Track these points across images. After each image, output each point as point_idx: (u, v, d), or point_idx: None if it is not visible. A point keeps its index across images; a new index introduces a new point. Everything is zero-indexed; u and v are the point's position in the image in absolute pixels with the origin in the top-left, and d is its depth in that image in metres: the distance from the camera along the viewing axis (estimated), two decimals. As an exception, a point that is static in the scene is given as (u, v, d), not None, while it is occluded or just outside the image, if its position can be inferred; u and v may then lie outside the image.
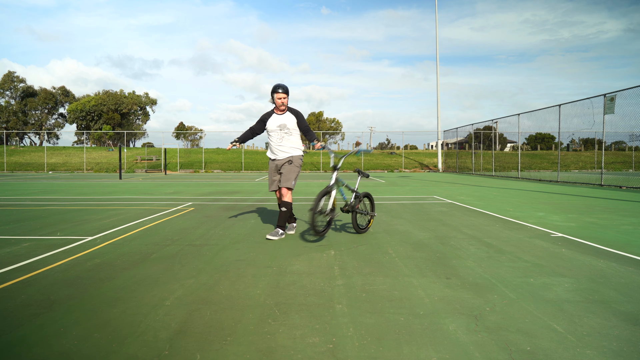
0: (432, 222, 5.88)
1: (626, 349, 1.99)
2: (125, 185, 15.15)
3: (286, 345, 2.04)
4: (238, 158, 36.10)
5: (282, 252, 4.02)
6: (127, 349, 1.99)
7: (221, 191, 11.82)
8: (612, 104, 13.08)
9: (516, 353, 1.95)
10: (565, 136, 27.09)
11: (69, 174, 28.06)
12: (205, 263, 3.61)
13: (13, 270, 3.38)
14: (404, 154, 37.89)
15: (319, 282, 3.06)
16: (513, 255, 3.89)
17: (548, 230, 5.21)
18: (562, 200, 8.98)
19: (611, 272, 3.31)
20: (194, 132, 63.99)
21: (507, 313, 2.44)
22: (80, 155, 37.90)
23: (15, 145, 48.55)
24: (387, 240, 4.59)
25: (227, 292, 2.83)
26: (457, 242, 4.52)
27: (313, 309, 2.50)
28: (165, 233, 5.05)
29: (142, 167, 33.67)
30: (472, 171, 25.45)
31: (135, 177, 22.98)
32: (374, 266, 3.51)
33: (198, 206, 7.94)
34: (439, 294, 2.78)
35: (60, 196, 10.26)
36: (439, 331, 2.19)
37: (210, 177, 22.96)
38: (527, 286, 2.95)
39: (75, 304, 2.59)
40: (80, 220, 6.12)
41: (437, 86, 31.27)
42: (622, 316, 2.39)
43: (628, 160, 32.13)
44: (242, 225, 5.67)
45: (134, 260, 3.72)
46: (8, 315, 2.43)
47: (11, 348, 2.01)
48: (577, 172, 28.09)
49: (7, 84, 57.31)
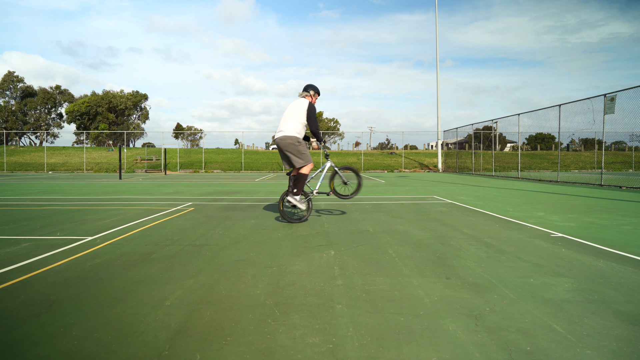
0: (432, 222, 5.88)
1: (626, 349, 1.99)
2: (125, 185, 15.15)
3: (286, 345, 2.04)
4: (238, 158, 36.09)
5: (282, 252, 4.02)
6: (127, 349, 1.99)
7: (221, 191, 11.82)
8: (612, 104, 13.08)
9: (516, 353, 1.95)
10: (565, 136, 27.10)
11: (69, 174, 28.05)
12: (205, 263, 3.61)
13: (13, 270, 3.38)
14: (404, 154, 37.89)
15: (319, 282, 3.06)
16: (513, 255, 3.89)
17: (548, 230, 5.21)
18: (562, 200, 8.98)
19: (611, 272, 3.32)
20: (194, 132, 63.99)
21: (507, 313, 2.44)
22: (80, 155, 37.90)
23: (15, 145, 48.54)
24: (387, 241, 4.60)
25: (227, 292, 2.83)
26: (457, 242, 4.52)
27: (313, 309, 2.50)
28: (165, 233, 5.05)
29: (142, 167, 33.67)
30: (472, 171, 25.45)
31: (135, 177, 22.98)
32: (374, 266, 3.51)
33: (198, 206, 7.94)
34: (439, 294, 2.78)
35: (60, 196, 10.26)
36: (439, 331, 2.19)
37: (210, 177, 22.96)
38: (527, 286, 2.95)
39: (75, 304, 2.59)
40: (80, 220, 6.12)
41: (437, 86, 31.28)
42: (622, 316, 2.39)
43: (628, 160, 32.15)
44: (242, 225, 5.67)
45: (134, 260, 3.72)
46: (8, 315, 2.43)
47: (11, 348, 2.01)
48: (577, 172, 28.09)
49: (7, 83, 57.29)
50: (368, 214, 6.75)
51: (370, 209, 7.40)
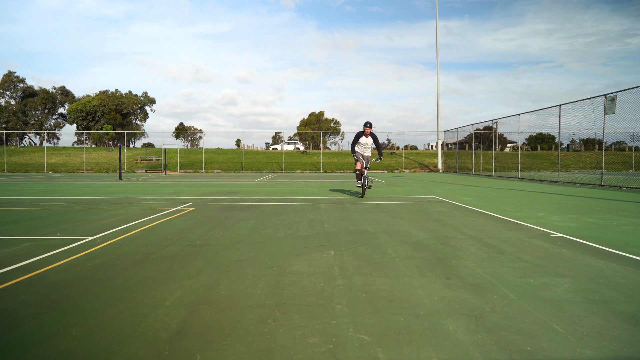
0: (432, 223, 5.88)
1: (626, 349, 1.99)
2: (125, 185, 15.15)
3: (286, 345, 2.04)
4: (238, 158, 36.09)
5: (282, 252, 4.02)
6: (127, 349, 1.99)
7: (221, 191, 11.82)
8: (612, 104, 13.07)
9: (516, 353, 1.95)
10: (565, 136, 27.13)
11: (69, 174, 28.06)
12: (205, 263, 3.61)
13: (13, 270, 3.38)
14: (404, 154, 37.89)
15: (319, 282, 3.06)
16: (513, 255, 3.89)
17: (548, 230, 5.21)
18: (562, 201, 8.98)
19: (611, 272, 3.31)
20: (193, 132, 64.00)
21: (507, 313, 2.44)
22: (80, 155, 37.91)
23: (15, 146, 48.56)
24: (387, 241, 4.59)
25: (227, 292, 2.83)
26: (457, 242, 4.52)
27: (313, 309, 2.50)
28: (165, 233, 5.05)
29: (142, 167, 33.67)
30: (472, 171, 25.45)
31: (135, 177, 22.99)
32: (374, 266, 3.51)
33: (198, 206, 7.94)
34: (439, 294, 2.78)
35: (60, 196, 10.27)
36: (439, 331, 2.19)
37: (210, 177, 22.96)
38: (527, 286, 2.95)
39: (75, 304, 2.59)
40: (80, 220, 6.12)
41: (437, 86, 31.28)
42: (622, 316, 2.39)
43: (628, 160, 32.13)
44: (242, 225, 5.67)
45: (134, 260, 3.72)
46: (8, 315, 2.43)
47: (11, 348, 2.01)
48: (577, 172, 28.09)
49: (7, 83, 57.33)
50: (368, 214, 6.75)
51: (370, 209, 7.40)
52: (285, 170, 31.72)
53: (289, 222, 5.95)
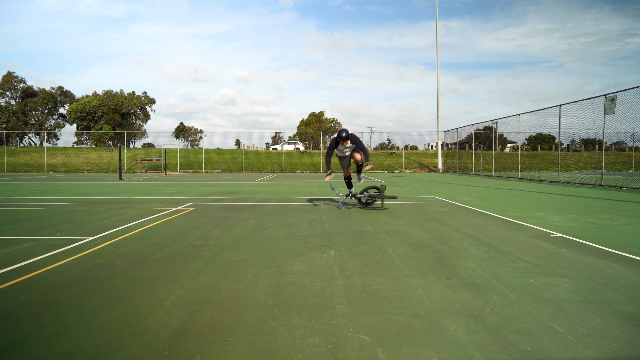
0: (432, 223, 5.88)
1: (626, 349, 1.99)
2: (125, 185, 15.15)
3: (286, 345, 2.04)
4: (238, 158, 36.09)
5: (282, 252, 4.02)
6: (127, 349, 1.99)
7: (221, 191, 11.82)
8: (612, 105, 13.07)
9: (516, 353, 1.95)
10: (565, 136, 27.13)
11: (69, 175, 28.06)
12: (205, 263, 3.61)
13: (13, 270, 3.38)
14: (404, 154, 37.88)
15: (319, 282, 3.06)
16: (513, 255, 3.89)
17: (548, 230, 5.21)
18: (562, 201, 8.98)
19: (611, 272, 3.31)
20: (193, 132, 64.00)
21: (507, 313, 2.44)
22: (80, 155, 37.91)
23: (15, 146, 48.54)
24: (387, 241, 4.59)
25: (227, 292, 2.83)
26: (457, 242, 4.52)
27: (313, 309, 2.50)
28: (165, 233, 5.05)
29: (142, 168, 33.67)
30: (472, 171, 25.44)
31: (135, 177, 22.99)
32: (374, 266, 3.50)
33: (198, 206, 7.94)
34: (439, 295, 2.78)
35: (60, 196, 10.26)
36: (439, 331, 2.19)
37: (210, 177, 22.96)
38: (527, 286, 2.95)
39: (75, 305, 2.59)
40: (80, 220, 6.12)
41: (437, 86, 31.29)
42: (622, 316, 2.39)
43: (628, 160, 32.14)
44: (242, 225, 5.67)
45: (134, 260, 3.72)
46: (8, 315, 2.43)
47: (11, 348, 2.01)
48: (578, 172, 28.08)
49: (7, 84, 57.33)
50: (368, 214, 6.75)
51: (370, 209, 7.40)
52: (286, 170, 31.72)
53: (289, 222, 5.95)
